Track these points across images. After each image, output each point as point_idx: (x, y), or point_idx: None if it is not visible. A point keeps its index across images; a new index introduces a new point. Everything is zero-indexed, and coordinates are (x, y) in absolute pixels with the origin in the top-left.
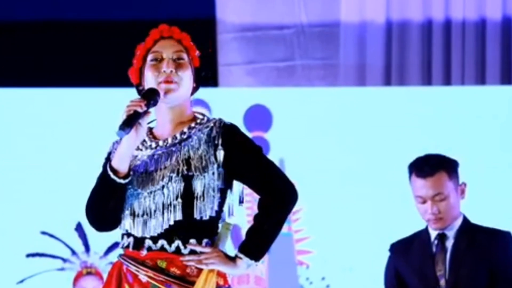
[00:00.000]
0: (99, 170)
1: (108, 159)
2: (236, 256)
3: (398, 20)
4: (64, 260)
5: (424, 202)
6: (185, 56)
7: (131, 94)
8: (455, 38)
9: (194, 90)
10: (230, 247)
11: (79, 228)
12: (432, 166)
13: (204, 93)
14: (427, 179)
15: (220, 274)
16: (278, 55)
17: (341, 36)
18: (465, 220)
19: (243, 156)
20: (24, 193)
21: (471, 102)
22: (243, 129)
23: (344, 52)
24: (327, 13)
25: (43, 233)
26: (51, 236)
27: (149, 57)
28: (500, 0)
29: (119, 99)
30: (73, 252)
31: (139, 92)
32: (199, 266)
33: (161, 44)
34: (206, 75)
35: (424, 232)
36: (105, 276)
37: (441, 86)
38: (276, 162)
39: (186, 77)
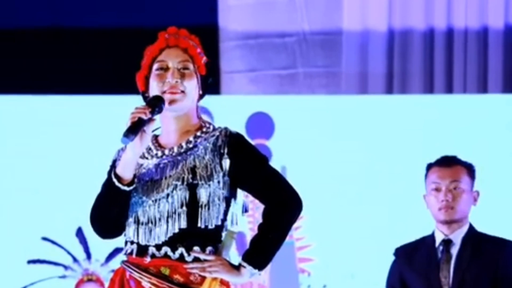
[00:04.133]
0: (102, 176)
1: (113, 167)
2: (240, 264)
3: (400, 28)
4: (66, 267)
5: (438, 190)
6: (190, 65)
7: (134, 101)
8: (457, 47)
9: (200, 97)
10: (234, 255)
11: (79, 233)
12: (453, 159)
13: (206, 100)
14: (446, 168)
15: (223, 282)
16: (280, 63)
17: (343, 44)
18: (471, 228)
19: (249, 165)
20: (26, 199)
21: (473, 110)
22: (245, 136)
23: (346, 60)
24: (329, 21)
25: (44, 239)
26: (53, 242)
27: (155, 66)
28: (502, 9)
29: (122, 106)
30: (75, 260)
31: (145, 99)
32: (202, 273)
33: (166, 53)
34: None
35: (430, 238)
36: (106, 283)
37: (443, 94)
38: (278, 170)
39: (191, 86)
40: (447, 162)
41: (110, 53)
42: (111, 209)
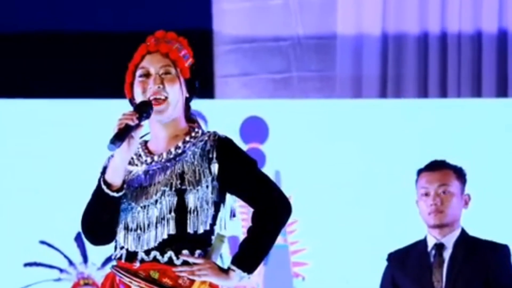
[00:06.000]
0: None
1: (103, 173)
2: (229, 268)
3: (394, 33)
4: (61, 270)
5: (427, 194)
6: (172, 69)
7: (127, 105)
8: (451, 51)
9: (188, 100)
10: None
11: (78, 238)
12: (442, 163)
13: (200, 104)
14: (434, 172)
15: (212, 286)
16: (274, 67)
17: (337, 48)
18: (463, 232)
19: (238, 169)
20: (23, 202)
21: (467, 114)
22: (239, 141)
23: (340, 64)
24: (323, 25)
25: (42, 242)
26: (50, 245)
27: (137, 73)
28: (496, 13)
29: (122, 110)
30: (71, 263)
31: (132, 106)
32: (191, 277)
33: (147, 60)
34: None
35: (422, 242)
36: None
37: (437, 99)
38: (272, 174)
39: (174, 91)
40: (436, 167)
41: (106, 56)
42: (102, 216)
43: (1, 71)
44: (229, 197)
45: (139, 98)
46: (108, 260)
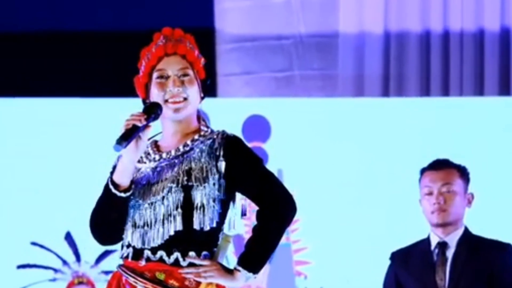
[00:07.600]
0: (90, 180)
1: (112, 173)
2: (235, 268)
3: (397, 31)
4: (56, 270)
5: (431, 193)
6: (190, 71)
7: (133, 103)
8: (453, 49)
9: (201, 100)
10: (232, 259)
11: (68, 237)
12: (445, 162)
13: (202, 103)
14: (438, 171)
15: (219, 287)
16: (276, 65)
17: (340, 47)
18: (467, 231)
19: (243, 166)
20: (22, 202)
21: (469, 113)
22: (242, 139)
23: (342, 62)
24: (325, 24)
25: (34, 243)
26: (42, 246)
27: (155, 74)
28: (498, 11)
29: (122, 109)
30: (64, 262)
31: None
32: (197, 279)
33: (166, 62)
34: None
35: (425, 241)
36: (96, 285)
37: (439, 97)
38: (274, 173)
39: (194, 92)
40: (439, 165)
41: (108, 55)
42: (109, 215)
43: (1, 71)
44: (239, 196)
45: (156, 99)
46: (101, 257)
